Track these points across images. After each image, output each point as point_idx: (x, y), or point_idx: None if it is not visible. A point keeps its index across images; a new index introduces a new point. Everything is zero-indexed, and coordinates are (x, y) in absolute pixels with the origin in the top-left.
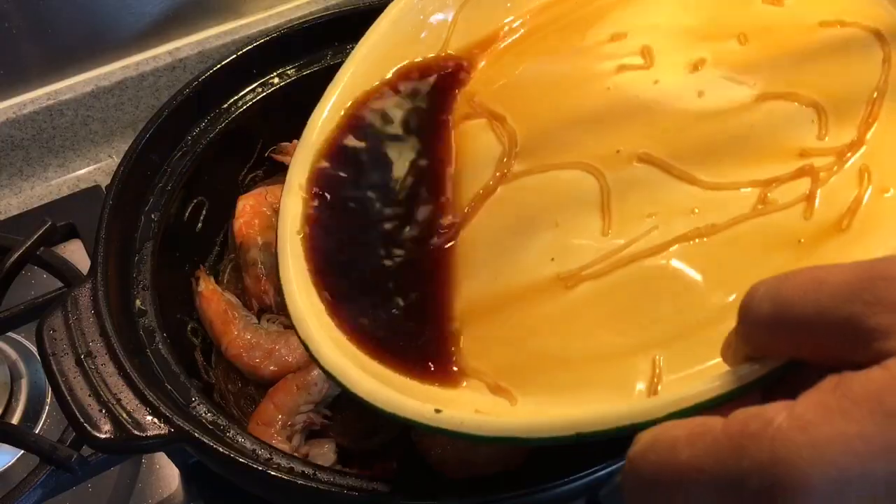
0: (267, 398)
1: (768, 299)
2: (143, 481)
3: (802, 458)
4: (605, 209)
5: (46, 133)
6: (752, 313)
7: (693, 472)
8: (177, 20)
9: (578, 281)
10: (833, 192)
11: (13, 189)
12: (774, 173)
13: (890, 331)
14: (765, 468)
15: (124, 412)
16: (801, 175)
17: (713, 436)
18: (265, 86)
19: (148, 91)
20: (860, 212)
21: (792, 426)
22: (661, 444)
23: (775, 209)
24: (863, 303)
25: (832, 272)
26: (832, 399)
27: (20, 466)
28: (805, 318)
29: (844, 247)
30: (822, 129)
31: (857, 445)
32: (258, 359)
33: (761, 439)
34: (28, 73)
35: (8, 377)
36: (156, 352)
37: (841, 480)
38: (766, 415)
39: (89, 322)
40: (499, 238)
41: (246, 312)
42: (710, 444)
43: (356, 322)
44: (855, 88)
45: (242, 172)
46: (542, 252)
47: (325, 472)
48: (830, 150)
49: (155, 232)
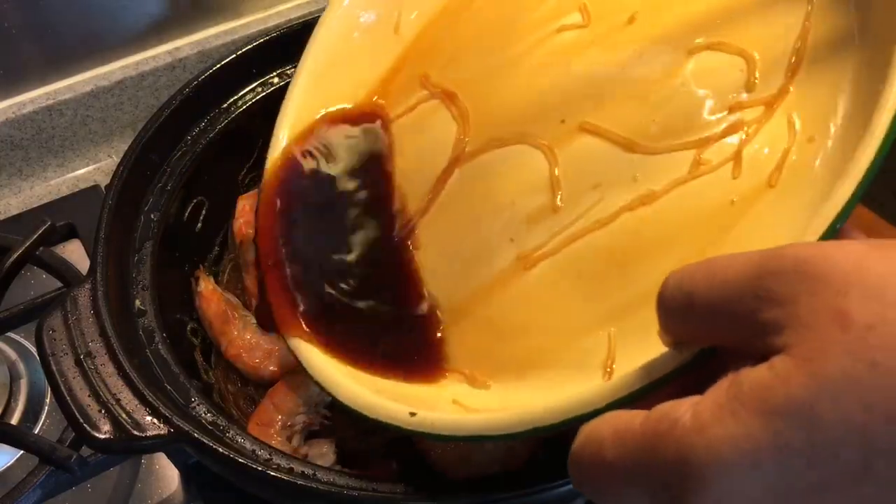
0: (266, 398)
1: (677, 289)
2: (143, 481)
3: (699, 457)
4: (553, 184)
5: (46, 133)
6: (665, 303)
7: (619, 470)
8: (176, 20)
9: (535, 261)
10: (763, 145)
11: (12, 189)
12: (708, 131)
13: (779, 326)
14: (673, 467)
15: (124, 412)
16: (732, 131)
17: (632, 435)
18: (265, 86)
19: (147, 91)
20: (787, 165)
21: (692, 427)
22: (590, 443)
23: (708, 170)
24: (754, 297)
25: (731, 264)
26: (725, 399)
27: (20, 467)
28: (709, 310)
29: (774, 204)
30: (750, 78)
31: (743, 444)
32: (258, 359)
33: (668, 440)
34: (27, 73)
35: (7, 377)
36: (155, 352)
37: (734, 477)
38: (674, 414)
39: (89, 322)
40: (459, 225)
41: (246, 312)
42: (630, 444)
43: (333, 331)
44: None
45: (242, 172)
46: (501, 233)
47: (325, 472)
48: (759, 100)
49: (155, 232)
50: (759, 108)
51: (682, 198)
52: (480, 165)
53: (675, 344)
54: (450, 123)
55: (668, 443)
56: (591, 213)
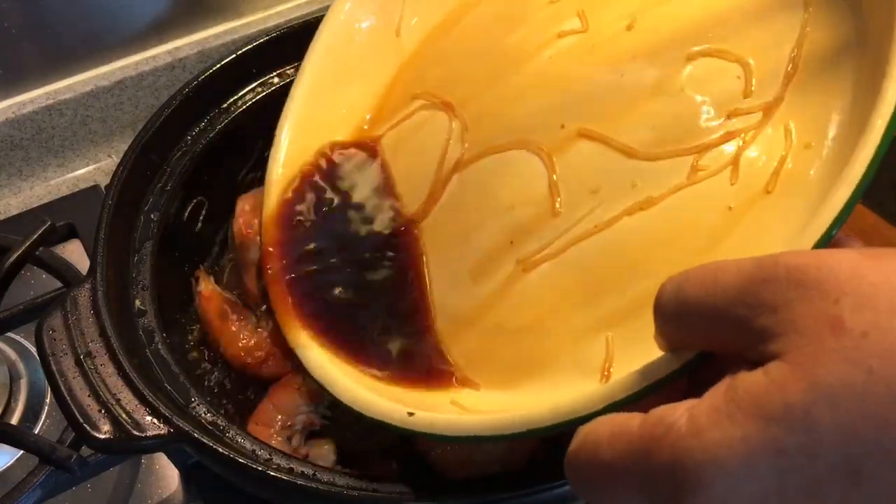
0: (266, 398)
1: (673, 296)
2: (143, 481)
3: (696, 461)
4: (552, 188)
5: (46, 133)
6: (661, 308)
7: (616, 472)
8: (176, 20)
9: (534, 264)
10: (760, 151)
11: (12, 189)
12: (706, 137)
13: (773, 332)
14: (668, 471)
15: (124, 412)
16: (729, 138)
17: (629, 438)
18: (265, 86)
19: (147, 91)
20: (784, 171)
21: (689, 431)
22: (587, 445)
23: (706, 176)
24: (746, 305)
25: (726, 271)
26: (722, 403)
27: (19, 467)
28: (704, 317)
29: (770, 210)
30: (748, 86)
31: (740, 448)
32: (258, 359)
33: (664, 444)
34: (27, 73)
35: (7, 377)
36: (155, 352)
37: (730, 480)
38: (670, 418)
39: (88, 322)
40: (459, 229)
41: (246, 313)
42: (627, 446)
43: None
44: (778, 44)
45: (242, 172)
46: (501, 235)
47: (325, 472)
48: (757, 107)
49: (154, 232)
50: (757, 115)
51: (681, 203)
52: (479, 171)
53: (672, 348)
54: (446, 131)
55: (665, 445)
56: (589, 217)
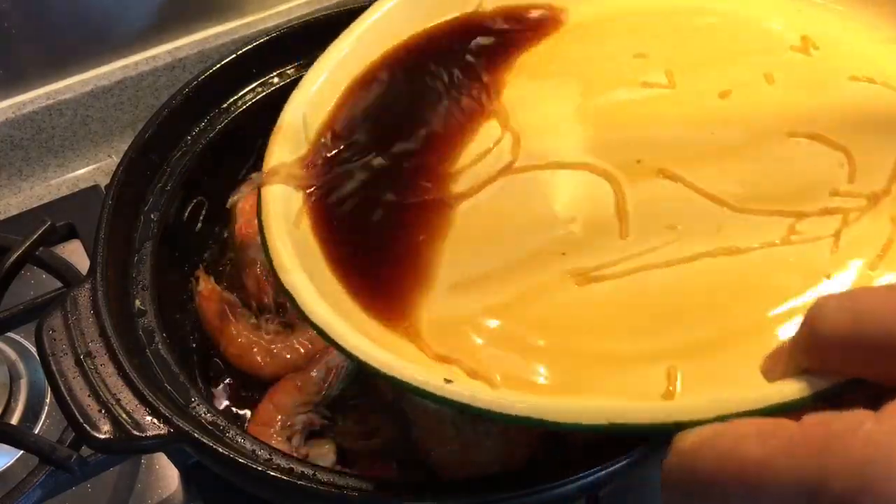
0: (266, 398)
1: (848, 313)
2: (143, 481)
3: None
4: (621, 214)
5: (46, 133)
6: (826, 327)
7: (765, 470)
8: (176, 20)
9: (591, 279)
10: (863, 232)
11: (12, 189)
12: (804, 206)
13: None
14: (853, 470)
15: (124, 412)
16: (831, 213)
17: (789, 434)
18: (265, 86)
19: (147, 91)
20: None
21: (885, 430)
22: (724, 440)
23: (804, 240)
24: None
25: None
26: None
27: (20, 467)
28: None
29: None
30: (852, 172)
31: None
32: (258, 359)
33: (851, 440)
34: (27, 73)
35: (7, 377)
36: (155, 352)
37: None
38: (850, 418)
39: (88, 322)
40: (495, 224)
41: (246, 312)
42: (786, 443)
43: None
44: (882, 140)
45: (242, 172)
46: (553, 244)
47: (325, 472)
48: (861, 193)
49: (154, 232)
50: (860, 200)
51: (771, 260)
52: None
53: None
54: (494, 139)
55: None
56: (664, 249)
